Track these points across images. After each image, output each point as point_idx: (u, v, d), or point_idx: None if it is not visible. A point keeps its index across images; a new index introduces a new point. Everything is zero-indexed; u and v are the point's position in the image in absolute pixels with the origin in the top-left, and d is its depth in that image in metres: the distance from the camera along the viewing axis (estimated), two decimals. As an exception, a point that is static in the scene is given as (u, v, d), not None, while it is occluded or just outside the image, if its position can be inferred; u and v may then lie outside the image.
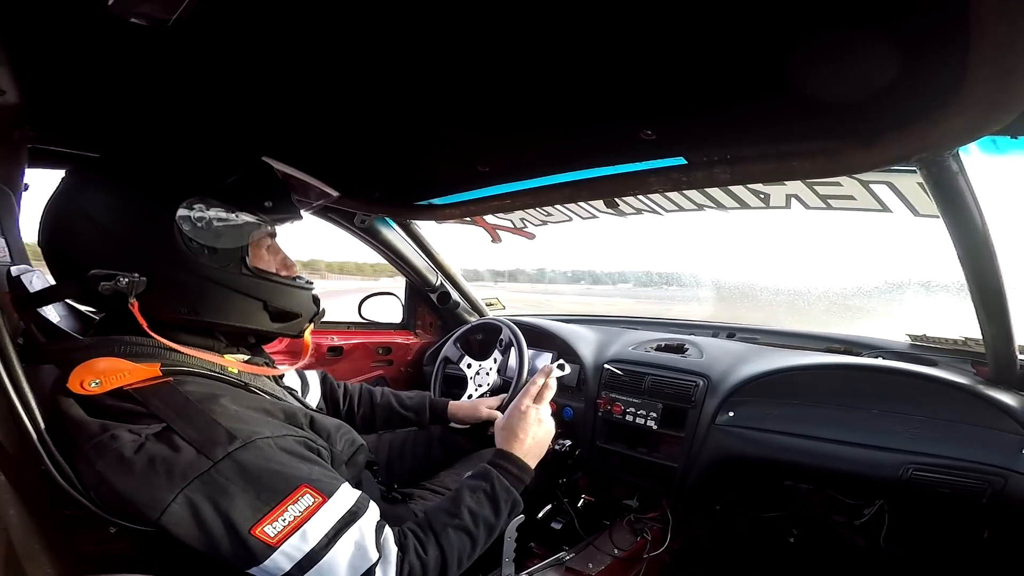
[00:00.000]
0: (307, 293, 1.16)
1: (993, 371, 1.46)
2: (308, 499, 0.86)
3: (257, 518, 0.82)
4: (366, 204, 1.96)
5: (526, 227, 2.29)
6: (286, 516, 0.84)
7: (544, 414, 1.30)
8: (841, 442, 1.47)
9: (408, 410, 1.70)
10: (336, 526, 0.87)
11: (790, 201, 1.49)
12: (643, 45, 0.83)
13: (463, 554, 1.02)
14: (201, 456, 0.84)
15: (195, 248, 0.98)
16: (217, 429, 0.87)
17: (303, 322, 1.17)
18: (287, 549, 0.82)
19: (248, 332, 1.11)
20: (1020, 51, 0.60)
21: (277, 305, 1.09)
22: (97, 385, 0.87)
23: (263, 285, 1.07)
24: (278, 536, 0.82)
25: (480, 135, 1.30)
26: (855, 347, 1.89)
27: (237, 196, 1.03)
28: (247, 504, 0.83)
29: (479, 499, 1.09)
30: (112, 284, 0.90)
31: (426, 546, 0.98)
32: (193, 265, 0.98)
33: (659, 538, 1.77)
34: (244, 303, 1.05)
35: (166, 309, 0.98)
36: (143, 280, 0.93)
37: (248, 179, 1.07)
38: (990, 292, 1.24)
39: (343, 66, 0.96)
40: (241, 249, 1.04)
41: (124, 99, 1.12)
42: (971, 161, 0.98)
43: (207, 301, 1.01)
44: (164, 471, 0.82)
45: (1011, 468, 1.26)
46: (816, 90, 0.88)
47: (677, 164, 1.27)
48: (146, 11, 0.68)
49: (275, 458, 0.89)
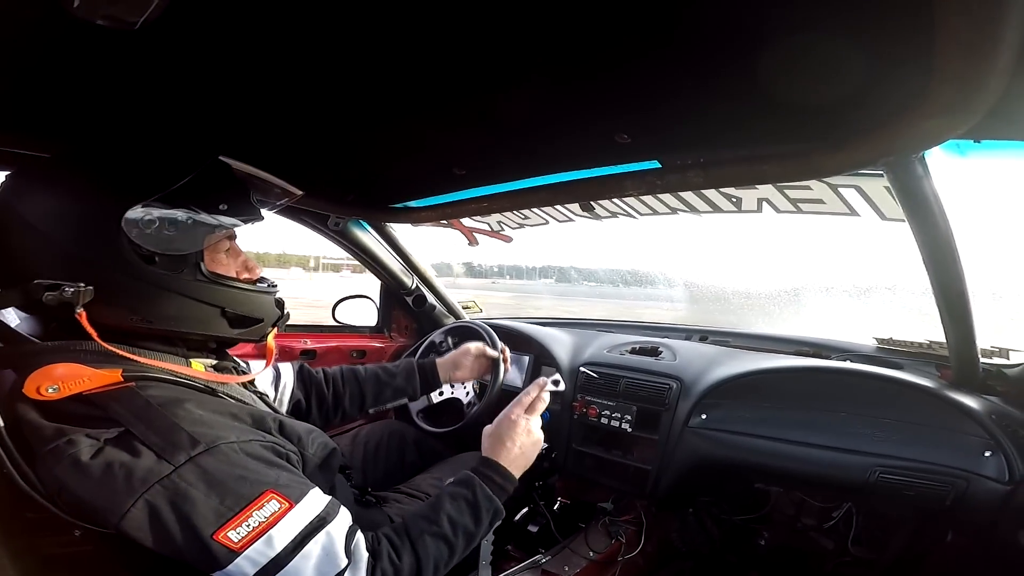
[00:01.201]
0: (269, 297, 1.13)
1: (956, 374, 1.49)
2: (274, 504, 0.84)
3: (220, 523, 0.81)
4: (340, 207, 1.94)
5: (503, 230, 2.29)
6: (250, 521, 0.82)
7: (534, 426, 1.28)
8: (810, 444, 1.49)
9: (396, 378, 1.64)
10: (303, 532, 0.85)
11: (761, 205, 1.52)
12: (617, 50, 0.83)
13: (439, 562, 1.00)
14: (162, 461, 0.82)
15: (144, 254, 0.93)
16: (179, 433, 0.85)
17: (265, 327, 1.13)
18: (251, 555, 0.81)
19: (207, 339, 1.07)
20: (983, 55, 0.62)
21: (236, 311, 1.05)
22: (55, 391, 0.84)
23: (219, 291, 1.03)
24: (241, 541, 0.81)
25: (456, 137, 1.29)
26: (824, 350, 1.92)
27: (189, 198, 0.99)
28: (210, 509, 0.81)
29: (460, 507, 1.07)
30: (57, 295, 0.87)
31: (400, 552, 0.96)
32: (142, 272, 0.94)
33: (633, 541, 1.77)
34: (199, 310, 1.01)
35: (115, 318, 0.94)
36: (90, 290, 0.89)
37: (201, 181, 1.01)
38: (953, 295, 1.27)
39: (315, 66, 0.94)
40: (195, 254, 1.00)
41: (78, 99, 1.07)
42: (935, 165, 1.00)
43: (159, 309, 0.97)
44: (123, 476, 0.80)
45: (973, 471, 1.28)
46: (786, 95, 0.89)
47: (652, 168, 1.28)
48: (113, 13, 0.66)
49: (240, 463, 0.87)
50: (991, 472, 1.26)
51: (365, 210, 2.00)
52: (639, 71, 0.90)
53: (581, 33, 0.80)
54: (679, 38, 0.79)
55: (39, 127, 1.19)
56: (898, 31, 0.70)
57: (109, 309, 0.93)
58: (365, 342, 2.54)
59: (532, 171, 1.48)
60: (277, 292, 1.16)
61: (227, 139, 1.28)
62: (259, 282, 1.13)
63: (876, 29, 0.71)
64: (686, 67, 0.87)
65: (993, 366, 1.48)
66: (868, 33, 0.72)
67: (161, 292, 0.96)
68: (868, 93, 0.85)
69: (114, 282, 0.92)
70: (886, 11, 0.67)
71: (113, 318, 0.94)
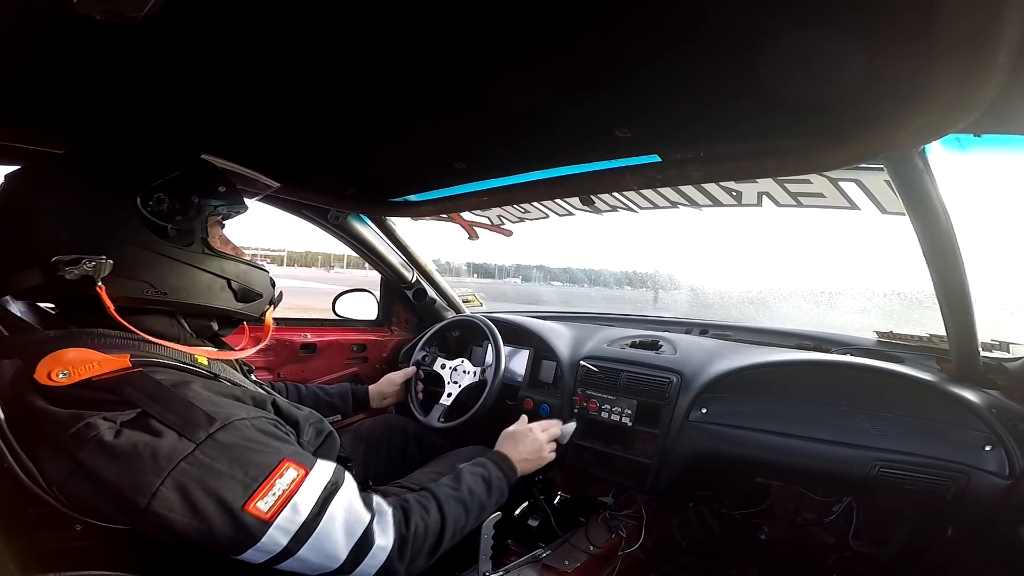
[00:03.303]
0: (265, 274, 1.19)
1: (956, 368, 1.49)
2: (292, 472, 0.88)
3: (248, 495, 0.83)
4: (340, 201, 1.94)
5: (503, 224, 2.28)
6: (275, 490, 0.85)
7: (547, 448, 1.54)
8: (810, 439, 1.48)
9: (333, 397, 1.81)
10: (323, 494, 0.89)
11: (761, 199, 1.51)
12: (617, 44, 0.83)
13: (458, 525, 1.11)
14: (183, 439, 0.83)
15: (158, 229, 0.99)
16: (195, 411, 0.87)
17: (264, 303, 1.19)
18: (281, 523, 0.84)
19: (213, 313, 1.11)
20: (983, 49, 0.62)
21: (240, 283, 1.11)
22: (65, 376, 0.85)
23: (226, 264, 1.09)
24: (271, 511, 0.83)
25: (456, 132, 1.29)
26: (824, 343, 1.92)
27: (194, 181, 1.06)
28: (236, 483, 0.83)
29: (478, 481, 1.22)
30: (79, 268, 0.89)
31: (428, 508, 1.07)
32: (158, 246, 0.99)
33: (634, 535, 1.77)
34: (210, 281, 1.07)
35: (132, 291, 0.97)
36: (110, 262, 0.92)
37: (201, 167, 1.11)
38: (954, 289, 1.26)
39: (316, 60, 0.94)
40: (202, 230, 1.06)
41: (85, 94, 1.08)
42: (936, 159, 1.00)
43: (173, 280, 1.02)
44: (149, 455, 0.81)
45: (974, 465, 1.28)
46: (786, 89, 0.89)
47: (652, 162, 1.28)
48: (113, 8, 0.66)
49: (254, 438, 0.90)
50: (992, 466, 1.26)
51: (365, 204, 2.00)
52: (639, 65, 0.90)
53: (581, 27, 0.79)
54: (679, 32, 0.79)
55: (47, 122, 1.20)
56: (898, 25, 0.69)
57: (126, 282, 0.96)
58: (365, 336, 2.54)
59: (532, 165, 1.48)
60: (269, 272, 1.22)
61: (227, 132, 1.28)
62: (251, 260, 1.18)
63: (876, 23, 0.71)
64: (686, 61, 0.87)
65: (993, 360, 1.48)
66: (868, 27, 0.72)
67: (174, 264, 1.01)
68: (868, 87, 0.85)
69: (132, 255, 0.96)
70: (887, 5, 0.66)
71: (127, 292, 0.97)
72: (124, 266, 0.95)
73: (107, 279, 0.93)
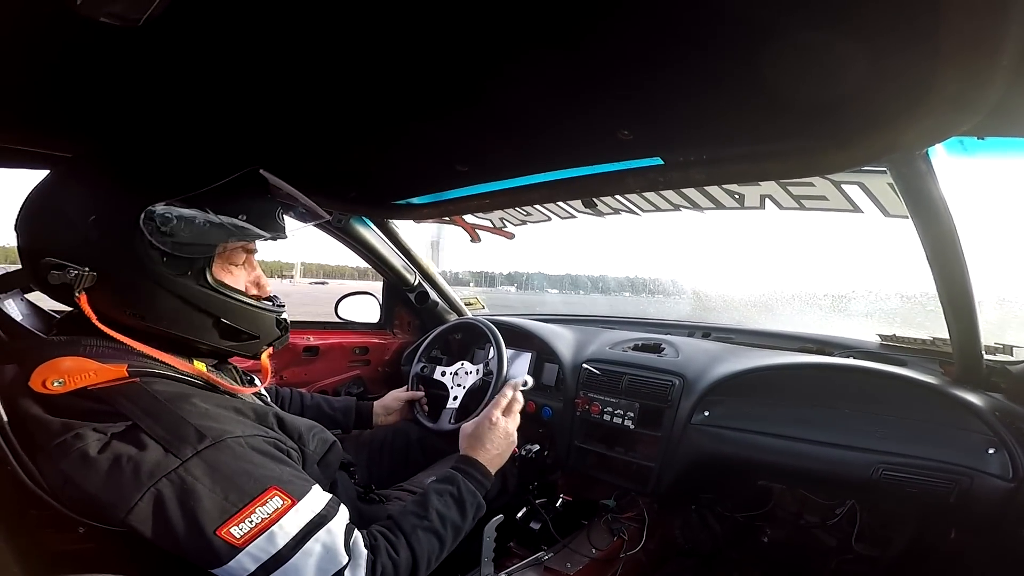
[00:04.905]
0: (271, 316, 1.13)
1: (959, 371, 1.48)
2: (277, 501, 0.86)
3: (224, 519, 0.82)
4: (343, 203, 1.93)
5: (505, 227, 2.29)
6: (253, 518, 0.83)
7: (512, 427, 1.37)
8: (813, 441, 1.48)
9: (336, 411, 1.77)
10: (305, 529, 0.86)
11: (764, 202, 1.52)
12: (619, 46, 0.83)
13: (432, 555, 1.04)
14: (169, 455, 0.83)
15: (152, 251, 0.93)
16: (186, 428, 0.86)
17: (260, 344, 1.14)
18: (252, 551, 0.82)
19: (194, 345, 1.06)
20: (987, 51, 0.62)
21: (230, 322, 1.06)
22: (60, 384, 0.85)
23: (218, 300, 1.03)
24: (244, 537, 0.81)
25: (459, 134, 1.29)
26: (827, 347, 1.91)
27: (210, 206, 0.99)
28: (214, 504, 0.82)
29: (446, 502, 1.12)
30: (61, 274, 0.89)
31: (397, 547, 0.98)
32: (146, 268, 0.94)
33: (636, 538, 1.77)
34: (192, 315, 1.01)
35: (114, 307, 0.95)
36: (92, 275, 0.90)
37: (226, 190, 1.01)
38: (957, 292, 1.26)
39: (318, 63, 0.94)
40: (204, 260, 1.01)
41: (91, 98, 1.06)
42: (939, 162, 1.00)
43: (153, 307, 0.97)
44: (131, 469, 0.80)
45: (977, 468, 1.27)
46: (789, 92, 0.89)
47: (654, 164, 1.28)
48: (116, 11, 0.66)
49: (246, 457, 0.88)
50: (995, 469, 1.26)
51: (368, 207, 1.99)
52: (642, 67, 0.89)
53: (585, 31, 0.79)
54: (681, 34, 0.79)
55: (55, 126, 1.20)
56: (903, 27, 0.69)
57: (108, 297, 0.94)
58: (368, 339, 2.54)
59: (534, 168, 1.48)
60: (283, 312, 1.16)
61: (228, 136, 1.28)
62: (266, 300, 1.13)
63: (880, 25, 0.71)
64: (689, 64, 0.86)
65: (997, 363, 1.47)
66: (872, 29, 0.72)
67: (158, 290, 0.97)
68: (872, 90, 0.85)
69: (118, 273, 0.93)
70: (890, 7, 0.66)
71: (109, 307, 0.95)
72: (108, 282, 0.93)
73: (90, 291, 0.91)
